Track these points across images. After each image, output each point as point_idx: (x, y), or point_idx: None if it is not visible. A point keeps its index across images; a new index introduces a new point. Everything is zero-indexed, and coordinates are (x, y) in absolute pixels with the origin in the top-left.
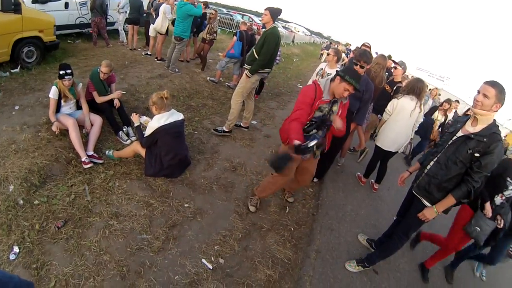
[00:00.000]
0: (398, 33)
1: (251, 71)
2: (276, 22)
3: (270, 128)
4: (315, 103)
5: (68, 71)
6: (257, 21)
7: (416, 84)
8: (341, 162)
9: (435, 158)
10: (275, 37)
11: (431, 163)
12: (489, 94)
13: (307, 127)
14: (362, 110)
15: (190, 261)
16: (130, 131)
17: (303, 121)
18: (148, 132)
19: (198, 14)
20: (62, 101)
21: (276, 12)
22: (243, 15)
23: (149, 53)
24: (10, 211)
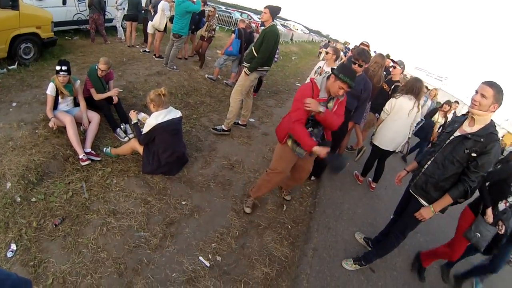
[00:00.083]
0: (397, 32)
1: (250, 69)
2: (275, 20)
3: (268, 126)
4: None
5: (64, 68)
6: (255, 18)
7: (415, 84)
8: None
9: (433, 158)
10: (274, 35)
11: (429, 163)
12: (487, 94)
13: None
14: (360, 108)
15: (188, 258)
16: (128, 128)
17: (304, 121)
18: (145, 129)
19: (197, 10)
20: (59, 97)
21: (275, 10)
22: (242, 13)
23: (147, 50)
24: (8, 209)
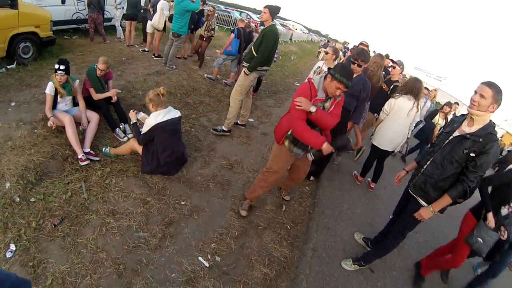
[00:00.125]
0: (396, 32)
1: (250, 69)
2: (274, 20)
3: (267, 126)
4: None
5: (62, 67)
6: (255, 18)
7: (414, 84)
8: (337, 161)
9: (432, 158)
10: (274, 35)
11: (428, 163)
12: (486, 95)
13: None
14: (359, 109)
15: (187, 259)
16: (127, 128)
17: (305, 119)
18: (145, 129)
19: (196, 9)
20: (58, 97)
21: (275, 10)
22: (241, 12)
23: (146, 49)
24: (7, 209)
